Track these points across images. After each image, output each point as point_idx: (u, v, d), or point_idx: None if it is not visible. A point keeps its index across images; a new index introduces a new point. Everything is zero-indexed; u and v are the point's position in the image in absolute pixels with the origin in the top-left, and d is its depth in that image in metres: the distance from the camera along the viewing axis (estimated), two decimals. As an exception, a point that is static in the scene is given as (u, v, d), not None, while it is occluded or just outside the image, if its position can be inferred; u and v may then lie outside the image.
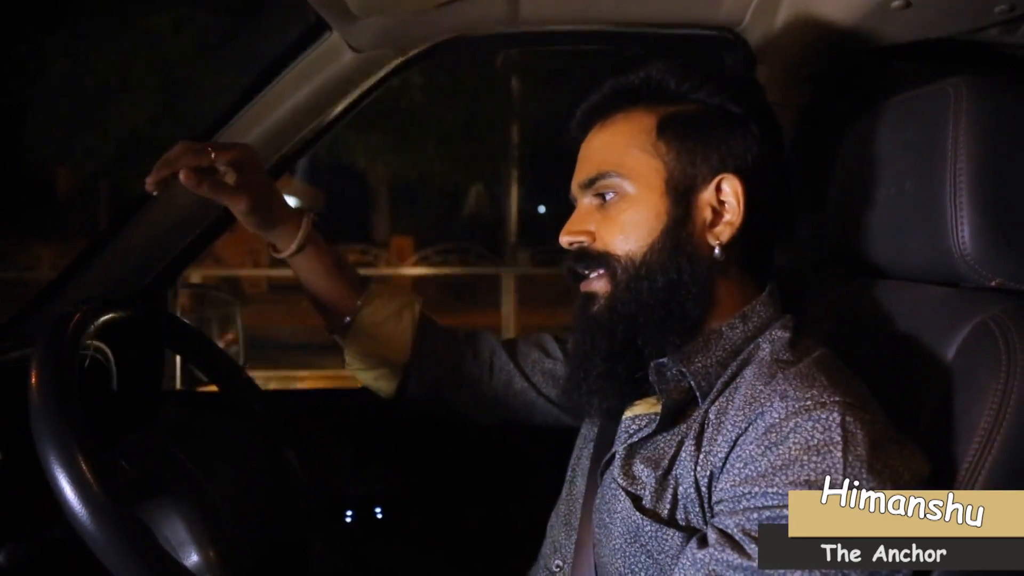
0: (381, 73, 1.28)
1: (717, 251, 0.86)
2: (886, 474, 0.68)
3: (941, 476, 0.74)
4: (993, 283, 0.82)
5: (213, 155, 0.97)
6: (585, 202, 0.93)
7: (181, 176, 0.94)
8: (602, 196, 0.90)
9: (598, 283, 0.91)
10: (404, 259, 10.62)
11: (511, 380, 1.19)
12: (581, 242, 0.91)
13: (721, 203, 0.87)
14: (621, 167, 0.88)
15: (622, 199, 0.88)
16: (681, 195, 0.87)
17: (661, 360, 0.84)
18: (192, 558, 0.81)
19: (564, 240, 0.93)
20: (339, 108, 1.30)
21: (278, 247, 1.09)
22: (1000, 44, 1.18)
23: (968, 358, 0.79)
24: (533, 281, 8.87)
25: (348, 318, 1.14)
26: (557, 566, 0.97)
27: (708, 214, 0.87)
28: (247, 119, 1.28)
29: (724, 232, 0.86)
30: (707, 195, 0.87)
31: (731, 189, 0.86)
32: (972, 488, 0.73)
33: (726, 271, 0.87)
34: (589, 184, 0.91)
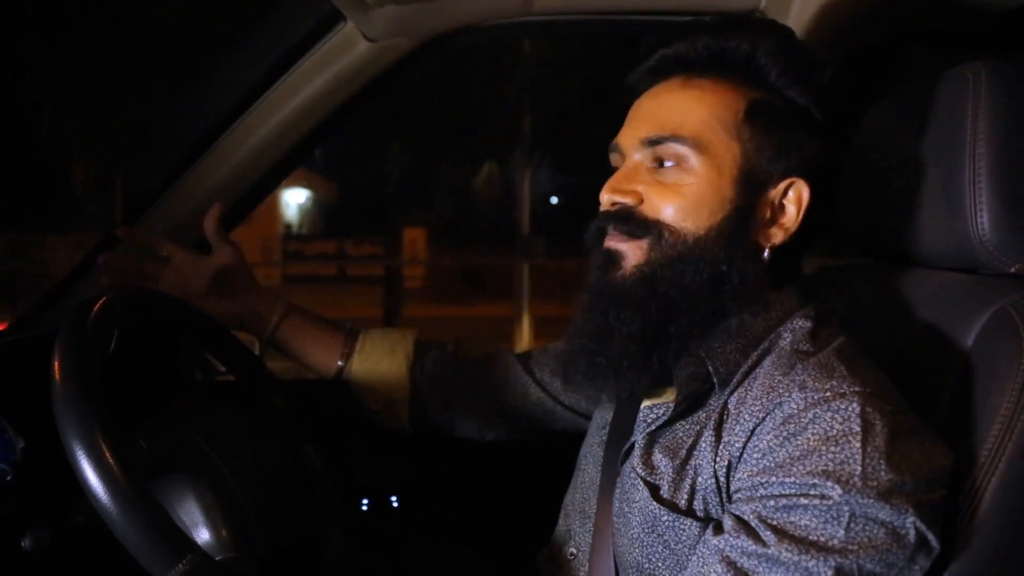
0: (396, 63, 1.28)
1: (767, 253, 0.84)
2: (904, 465, 0.68)
3: (961, 464, 0.73)
4: (1012, 269, 0.82)
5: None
6: (636, 158, 0.86)
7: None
8: (659, 160, 0.84)
9: (627, 245, 0.84)
10: (418, 250, 10.64)
11: (527, 392, 1.20)
12: (626, 203, 0.84)
13: (781, 206, 0.84)
14: (698, 139, 0.82)
15: (685, 171, 0.82)
16: (750, 188, 0.83)
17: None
18: (204, 536, 0.82)
19: (608, 198, 0.85)
20: (353, 98, 1.30)
21: (263, 318, 1.17)
22: (1020, 28, 1.17)
23: (987, 345, 0.78)
24: (546, 271, 8.87)
25: (340, 363, 1.18)
26: (571, 553, 0.97)
27: (767, 214, 0.84)
28: (262, 110, 1.28)
29: (777, 235, 0.84)
30: (773, 194, 0.84)
31: (796, 195, 0.84)
32: (992, 475, 0.73)
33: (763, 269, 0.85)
34: (653, 143, 0.84)
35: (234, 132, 1.28)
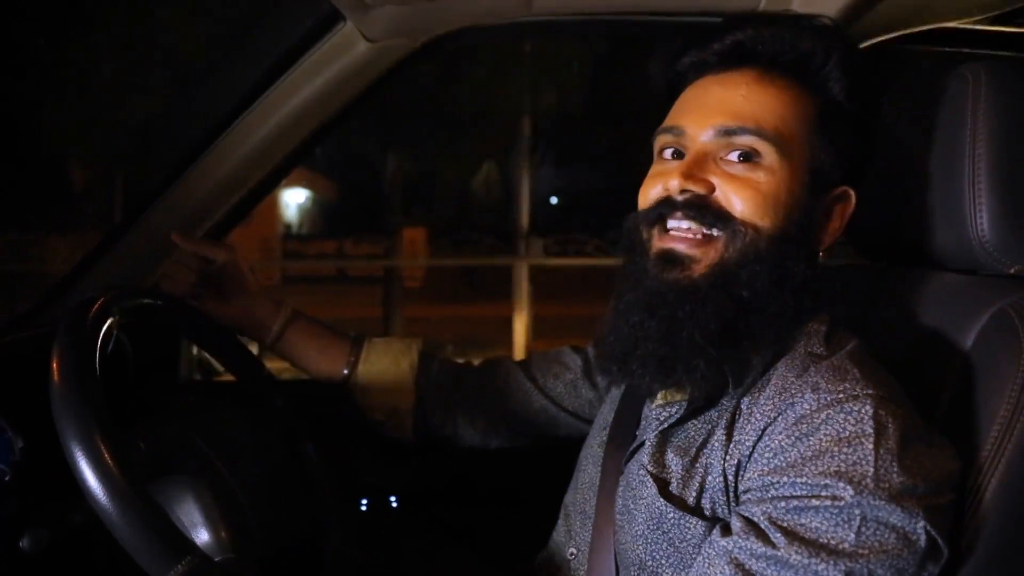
0: (396, 63, 1.28)
1: (820, 256, 0.86)
2: (915, 469, 0.68)
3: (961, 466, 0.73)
4: (1012, 270, 0.82)
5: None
6: (704, 146, 0.82)
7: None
8: (734, 151, 0.81)
9: (699, 249, 0.81)
10: (417, 250, 10.63)
11: (529, 399, 1.20)
12: (698, 191, 0.80)
13: (832, 212, 0.85)
14: (778, 135, 0.80)
15: (761, 167, 0.80)
16: (817, 192, 0.83)
17: None
18: (203, 537, 0.82)
19: (678, 184, 0.80)
20: (353, 98, 1.30)
21: (265, 325, 1.18)
22: (1020, 28, 1.17)
23: (987, 346, 0.78)
24: (546, 271, 8.86)
25: (345, 371, 1.18)
26: (571, 553, 0.97)
27: (822, 219, 0.85)
28: (262, 110, 1.28)
29: (825, 241, 0.86)
30: (829, 200, 0.85)
31: (845, 202, 0.85)
32: (992, 476, 0.73)
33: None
34: (729, 132, 0.81)
35: (234, 132, 1.28)
